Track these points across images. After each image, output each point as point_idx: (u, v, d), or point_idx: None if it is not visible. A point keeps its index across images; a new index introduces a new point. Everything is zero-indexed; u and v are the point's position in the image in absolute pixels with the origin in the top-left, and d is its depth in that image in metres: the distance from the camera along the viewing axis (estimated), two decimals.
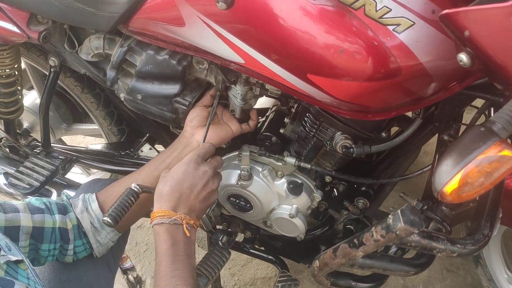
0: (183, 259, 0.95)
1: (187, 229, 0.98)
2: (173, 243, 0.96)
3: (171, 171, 1.05)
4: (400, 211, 0.75)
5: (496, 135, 0.74)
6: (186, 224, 0.98)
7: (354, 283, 1.12)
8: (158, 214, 0.99)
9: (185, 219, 0.99)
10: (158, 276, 0.94)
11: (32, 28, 1.21)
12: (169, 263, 0.94)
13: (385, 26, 0.83)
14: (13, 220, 1.05)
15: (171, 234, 0.97)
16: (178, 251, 0.96)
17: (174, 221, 0.98)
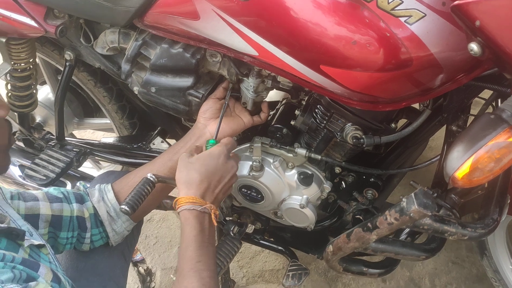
0: (207, 246, 0.98)
1: (214, 218, 1.02)
2: (201, 230, 0.99)
3: (201, 160, 1.06)
4: (414, 194, 0.78)
5: (506, 122, 0.77)
6: (214, 213, 1.02)
7: (365, 268, 1.15)
8: (188, 200, 1.01)
9: (212, 209, 1.02)
10: (184, 259, 0.96)
11: (49, 22, 1.24)
12: (196, 248, 0.96)
13: (397, 17, 0.85)
14: (33, 208, 1.08)
15: (200, 221, 1.00)
16: (204, 238, 0.99)
17: (204, 209, 1.01)
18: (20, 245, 0.87)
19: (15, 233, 0.86)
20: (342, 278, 1.93)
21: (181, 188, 1.05)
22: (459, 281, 1.89)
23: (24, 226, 0.95)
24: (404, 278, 1.92)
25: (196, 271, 0.93)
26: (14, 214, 0.97)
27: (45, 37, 1.34)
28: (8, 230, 0.85)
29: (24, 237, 0.89)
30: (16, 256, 0.80)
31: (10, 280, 0.74)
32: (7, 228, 0.84)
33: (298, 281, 1.40)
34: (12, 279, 0.74)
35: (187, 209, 1.01)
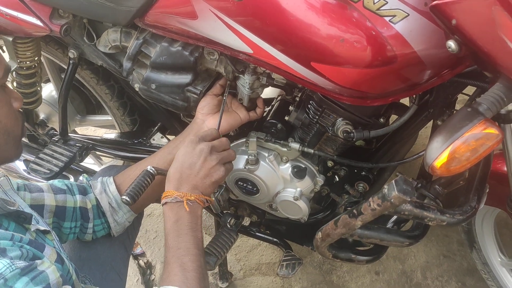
0: (187, 233, 1.01)
1: (188, 204, 1.04)
2: (177, 219, 1.03)
3: (176, 154, 1.12)
4: (394, 181, 0.84)
5: (482, 114, 0.82)
6: (186, 200, 1.04)
7: (353, 255, 1.21)
8: (164, 195, 1.07)
9: (185, 196, 1.04)
10: (166, 249, 1.01)
11: (54, 21, 1.30)
12: (174, 236, 1.01)
13: (382, 17, 0.91)
14: (38, 199, 1.14)
15: (175, 211, 1.04)
16: (182, 225, 1.02)
17: (175, 199, 1.04)
18: (27, 229, 0.93)
19: (23, 216, 0.92)
20: (337, 270, 1.99)
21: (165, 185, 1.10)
22: (450, 273, 1.94)
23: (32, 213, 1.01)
24: (397, 271, 1.97)
25: (177, 258, 0.97)
26: (22, 202, 1.03)
27: (50, 36, 1.40)
28: (17, 213, 0.90)
29: (31, 221, 0.95)
30: (23, 237, 0.86)
31: (18, 257, 0.80)
32: (16, 211, 0.90)
33: (291, 271, 1.45)
34: (20, 257, 0.80)
35: (162, 203, 1.07)
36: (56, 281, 0.82)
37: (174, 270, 0.95)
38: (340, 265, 2.00)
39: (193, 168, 1.08)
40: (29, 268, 0.79)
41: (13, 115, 0.93)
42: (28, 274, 0.78)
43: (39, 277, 0.79)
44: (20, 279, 0.76)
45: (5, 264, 0.76)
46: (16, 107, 0.94)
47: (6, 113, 0.91)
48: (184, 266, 0.95)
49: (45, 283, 0.80)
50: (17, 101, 0.95)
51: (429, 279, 1.95)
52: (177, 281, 0.93)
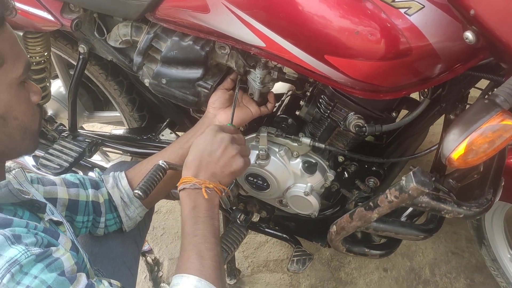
0: (204, 220, 1.01)
1: (206, 192, 1.03)
2: (194, 206, 1.02)
3: (193, 143, 1.11)
4: (412, 172, 0.84)
5: (499, 106, 0.82)
6: (205, 188, 1.04)
7: (367, 249, 1.20)
8: (181, 181, 1.06)
9: (204, 183, 1.04)
10: (183, 235, 1.00)
11: (65, 16, 1.30)
12: (192, 223, 1.00)
13: (397, 9, 0.91)
14: (51, 192, 1.14)
15: (192, 198, 1.03)
16: (200, 213, 1.02)
17: (194, 185, 1.04)
18: (41, 218, 0.93)
19: (37, 205, 0.92)
20: (345, 267, 1.98)
21: (182, 173, 1.09)
22: (459, 270, 1.94)
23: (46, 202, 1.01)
24: (405, 268, 1.97)
25: (194, 245, 0.97)
26: (36, 193, 1.03)
27: (59, 31, 1.40)
28: (31, 202, 0.90)
29: (46, 210, 0.95)
30: (38, 225, 0.86)
31: (33, 244, 0.80)
32: (30, 200, 0.90)
33: (302, 266, 1.45)
34: (35, 243, 0.80)
35: (180, 189, 1.06)
36: (70, 268, 0.82)
37: (190, 257, 0.94)
38: (348, 261, 2.00)
39: (213, 155, 1.07)
40: (44, 254, 0.79)
41: (31, 111, 0.93)
42: (43, 260, 0.78)
43: (54, 264, 0.79)
44: (35, 265, 0.76)
45: (20, 251, 0.76)
46: (35, 101, 0.94)
47: (24, 110, 0.90)
48: (200, 254, 0.95)
49: (60, 270, 0.80)
50: (36, 95, 0.94)
51: (438, 276, 1.94)
52: (193, 268, 0.92)
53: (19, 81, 0.88)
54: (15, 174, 1.01)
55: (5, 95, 0.86)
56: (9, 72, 0.85)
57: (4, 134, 0.88)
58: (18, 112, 0.89)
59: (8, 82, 0.86)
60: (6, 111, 0.87)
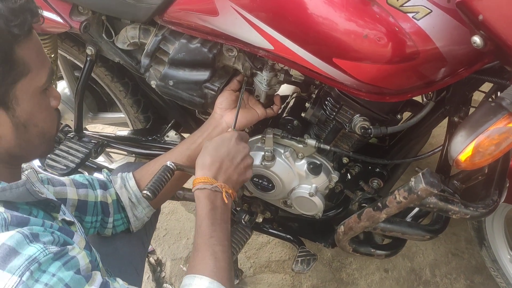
0: (220, 223, 1.03)
1: (226, 197, 1.06)
2: (212, 207, 1.04)
3: (213, 143, 1.13)
4: (421, 174, 0.85)
5: (505, 109, 0.84)
6: (225, 192, 1.06)
7: (373, 250, 1.22)
8: (200, 180, 1.07)
9: (224, 187, 1.06)
10: (198, 235, 1.01)
11: (74, 18, 1.31)
12: (209, 224, 1.01)
13: (405, 13, 0.93)
14: (61, 192, 1.15)
15: (211, 199, 1.05)
16: (217, 215, 1.03)
17: (214, 188, 1.05)
18: (54, 218, 0.94)
19: (52, 204, 0.93)
20: (346, 268, 2.00)
21: (197, 170, 1.11)
22: (459, 271, 1.96)
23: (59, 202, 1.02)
24: (406, 269, 1.99)
25: (209, 246, 0.98)
26: (49, 194, 1.04)
27: (66, 33, 1.41)
28: (46, 202, 0.91)
29: (60, 209, 0.96)
30: (53, 224, 0.87)
31: (51, 243, 0.81)
32: (45, 199, 0.91)
33: (307, 266, 1.47)
34: (52, 242, 0.81)
35: (199, 188, 1.06)
36: (86, 267, 0.83)
37: (205, 258, 0.96)
38: (349, 262, 2.01)
39: (233, 161, 1.11)
40: (61, 253, 0.80)
41: (50, 117, 0.93)
42: (61, 259, 0.79)
43: (70, 262, 0.80)
44: (53, 263, 0.78)
45: (38, 249, 0.77)
46: (54, 106, 0.94)
47: (45, 117, 0.91)
48: (215, 256, 0.96)
49: (76, 268, 0.81)
50: (56, 100, 0.95)
51: (438, 276, 1.96)
52: (207, 270, 0.94)
53: (42, 89, 0.88)
54: (28, 175, 1.02)
55: (28, 103, 0.86)
56: (34, 81, 0.85)
57: (23, 141, 0.89)
58: (39, 120, 0.89)
59: (32, 91, 0.86)
60: (28, 119, 0.87)
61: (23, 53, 0.82)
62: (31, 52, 0.85)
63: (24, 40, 0.83)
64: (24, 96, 0.85)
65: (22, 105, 0.85)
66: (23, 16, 0.82)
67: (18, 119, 0.86)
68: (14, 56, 0.81)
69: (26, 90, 0.85)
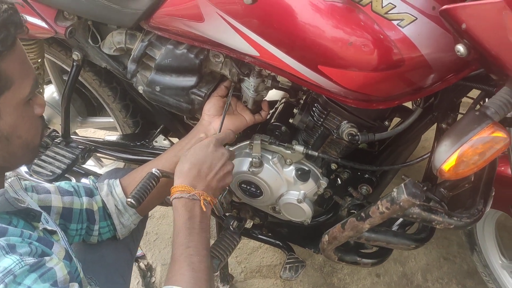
0: (198, 232, 1.01)
1: (204, 205, 1.04)
2: (190, 217, 1.02)
3: (191, 151, 1.12)
4: (404, 184, 0.84)
5: (490, 118, 0.83)
6: (203, 200, 1.04)
7: (359, 258, 1.21)
8: (178, 189, 1.05)
9: (202, 195, 1.05)
10: (175, 245, 1.00)
11: (59, 23, 1.30)
12: (186, 234, 1.00)
13: (390, 21, 0.92)
14: (45, 200, 1.14)
15: (189, 208, 1.03)
16: (195, 224, 1.02)
17: (192, 196, 1.04)
18: (35, 227, 0.93)
19: (32, 214, 0.92)
20: (338, 273, 1.99)
21: (175, 179, 1.09)
22: (451, 276, 1.95)
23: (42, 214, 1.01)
24: (398, 273, 1.98)
25: (186, 256, 0.97)
26: (32, 202, 1.02)
27: (53, 38, 1.39)
28: (26, 211, 0.90)
29: (41, 218, 0.95)
30: (32, 234, 0.86)
31: (28, 254, 0.80)
32: (26, 208, 0.89)
33: (295, 273, 1.45)
34: (29, 253, 0.80)
35: (176, 197, 1.05)
36: (63, 278, 0.82)
37: (181, 269, 0.94)
38: (341, 267, 2.00)
39: (212, 169, 1.09)
40: (37, 264, 0.79)
41: (34, 127, 0.91)
42: (37, 270, 0.78)
43: (47, 274, 0.79)
44: (28, 275, 0.76)
45: (14, 261, 0.76)
46: (38, 114, 0.92)
47: (28, 127, 0.89)
48: (193, 266, 0.95)
49: (53, 280, 0.80)
50: (40, 107, 0.93)
51: (430, 281, 1.95)
52: (184, 281, 0.92)
53: (26, 100, 0.86)
54: (11, 183, 1.01)
55: (11, 116, 0.84)
56: (17, 93, 0.84)
57: (6, 152, 0.88)
58: (22, 131, 0.88)
59: (16, 103, 0.84)
60: (11, 132, 0.86)
61: (5, 67, 0.80)
62: (14, 65, 0.83)
63: (7, 53, 0.81)
64: (6, 109, 0.83)
65: (4, 118, 0.84)
66: (6, 31, 0.80)
67: (1, 132, 0.85)
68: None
69: (9, 103, 0.83)
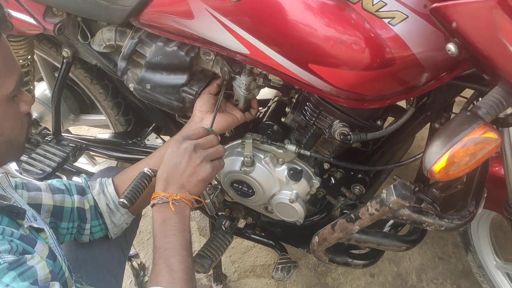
0: (174, 233, 1.00)
1: (174, 205, 1.02)
2: (164, 220, 1.01)
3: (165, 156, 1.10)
4: (393, 186, 0.83)
5: (481, 118, 0.81)
6: (172, 200, 1.02)
7: (350, 259, 1.19)
8: (153, 196, 1.05)
9: (171, 196, 1.03)
10: (154, 250, 1.00)
11: (48, 20, 1.28)
12: (161, 237, 0.99)
13: (381, 19, 0.90)
14: (36, 198, 1.12)
15: (162, 212, 1.02)
16: (169, 226, 1.00)
17: (161, 199, 1.03)
18: (20, 225, 0.91)
19: (16, 211, 0.90)
20: (332, 273, 1.98)
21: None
22: (445, 276, 1.94)
23: (29, 211, 1.00)
24: (392, 273, 1.97)
25: (164, 259, 0.96)
26: (20, 199, 1.01)
27: (43, 34, 1.38)
28: (10, 208, 0.89)
29: (25, 216, 0.93)
30: (15, 232, 0.84)
31: (7, 251, 0.78)
32: (9, 206, 0.88)
33: (287, 274, 1.44)
34: (9, 251, 0.79)
35: (151, 205, 1.05)
36: (44, 277, 0.81)
37: (161, 271, 0.93)
38: (335, 267, 1.99)
39: (178, 167, 1.06)
40: (17, 262, 0.77)
41: (19, 125, 0.90)
42: (16, 269, 0.77)
43: (27, 272, 0.78)
44: (7, 273, 0.75)
45: None
46: (24, 111, 0.91)
47: (12, 125, 0.88)
48: (171, 267, 0.94)
49: (33, 279, 0.78)
50: (27, 105, 0.91)
51: (424, 281, 1.94)
52: (163, 281, 0.91)
53: (9, 97, 0.85)
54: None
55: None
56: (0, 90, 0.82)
57: None
58: (5, 128, 0.87)
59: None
60: None
61: None
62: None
63: None
64: None
65: None
66: None
67: None
68: None
69: None
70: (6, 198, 0.92)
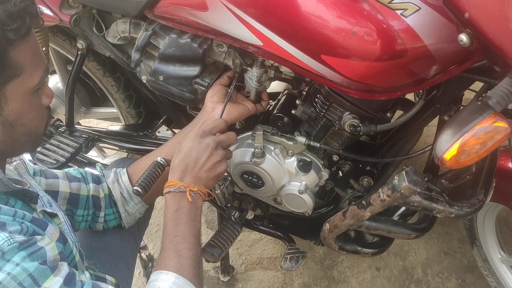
0: (186, 222, 1.03)
1: (190, 195, 1.06)
2: (177, 208, 1.04)
3: (181, 145, 1.13)
4: (405, 172, 0.85)
5: (491, 108, 0.83)
6: (189, 191, 1.06)
7: (359, 247, 1.21)
8: (168, 184, 1.08)
9: (188, 186, 1.06)
10: (164, 236, 1.02)
11: (64, 11, 1.30)
12: (173, 225, 1.02)
13: (393, 10, 0.92)
14: (53, 185, 1.15)
15: (176, 200, 1.05)
16: (182, 215, 1.04)
17: (178, 189, 1.06)
18: (34, 209, 0.94)
19: (29, 195, 0.93)
20: (338, 266, 2.00)
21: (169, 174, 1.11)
22: (451, 270, 1.96)
23: (45, 197, 1.02)
24: (398, 267, 1.99)
25: (174, 245, 0.99)
26: (36, 186, 1.03)
27: (57, 27, 1.41)
28: (23, 192, 0.91)
29: (38, 200, 0.96)
30: (27, 214, 0.87)
31: (18, 232, 0.80)
32: (22, 189, 0.91)
33: (295, 264, 1.46)
34: (19, 231, 0.81)
35: (165, 192, 1.08)
36: (53, 258, 0.83)
37: (169, 256, 0.96)
38: (341, 260, 2.01)
39: (198, 161, 1.09)
40: (28, 243, 0.80)
41: (39, 116, 0.92)
42: (26, 249, 0.79)
43: (37, 253, 0.80)
44: (18, 253, 0.77)
45: (3, 238, 0.77)
46: (45, 104, 0.93)
47: (33, 116, 0.90)
48: (179, 253, 0.97)
49: (42, 259, 0.81)
50: (48, 98, 0.93)
51: (430, 275, 1.96)
52: (171, 266, 0.94)
53: (34, 90, 0.87)
54: (16, 166, 1.02)
55: (18, 103, 0.85)
56: (26, 82, 0.84)
57: (9, 138, 0.88)
58: (27, 119, 0.89)
59: (23, 91, 0.85)
60: (16, 118, 0.86)
61: (17, 55, 0.81)
62: (26, 54, 0.83)
63: (20, 42, 0.81)
64: (14, 96, 0.84)
65: (11, 105, 0.85)
66: (21, 21, 0.79)
67: (6, 118, 0.85)
68: (7, 58, 0.80)
69: (17, 90, 0.84)
70: (21, 183, 0.94)
